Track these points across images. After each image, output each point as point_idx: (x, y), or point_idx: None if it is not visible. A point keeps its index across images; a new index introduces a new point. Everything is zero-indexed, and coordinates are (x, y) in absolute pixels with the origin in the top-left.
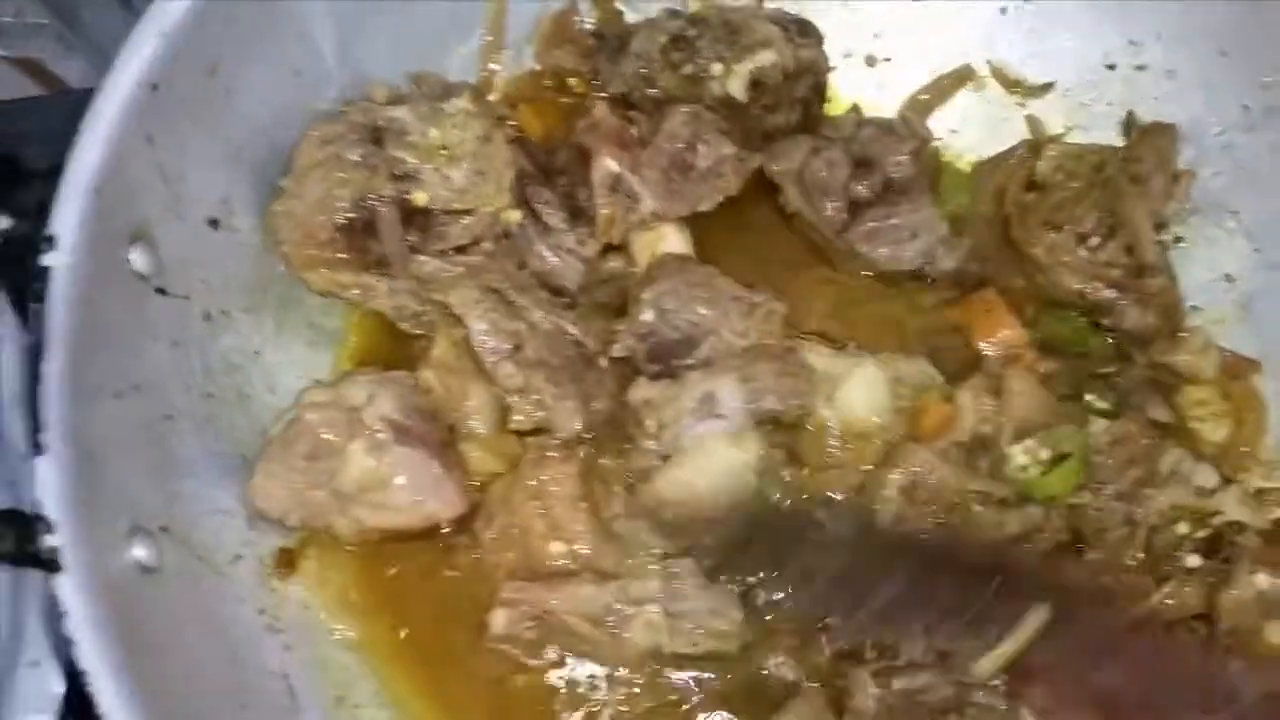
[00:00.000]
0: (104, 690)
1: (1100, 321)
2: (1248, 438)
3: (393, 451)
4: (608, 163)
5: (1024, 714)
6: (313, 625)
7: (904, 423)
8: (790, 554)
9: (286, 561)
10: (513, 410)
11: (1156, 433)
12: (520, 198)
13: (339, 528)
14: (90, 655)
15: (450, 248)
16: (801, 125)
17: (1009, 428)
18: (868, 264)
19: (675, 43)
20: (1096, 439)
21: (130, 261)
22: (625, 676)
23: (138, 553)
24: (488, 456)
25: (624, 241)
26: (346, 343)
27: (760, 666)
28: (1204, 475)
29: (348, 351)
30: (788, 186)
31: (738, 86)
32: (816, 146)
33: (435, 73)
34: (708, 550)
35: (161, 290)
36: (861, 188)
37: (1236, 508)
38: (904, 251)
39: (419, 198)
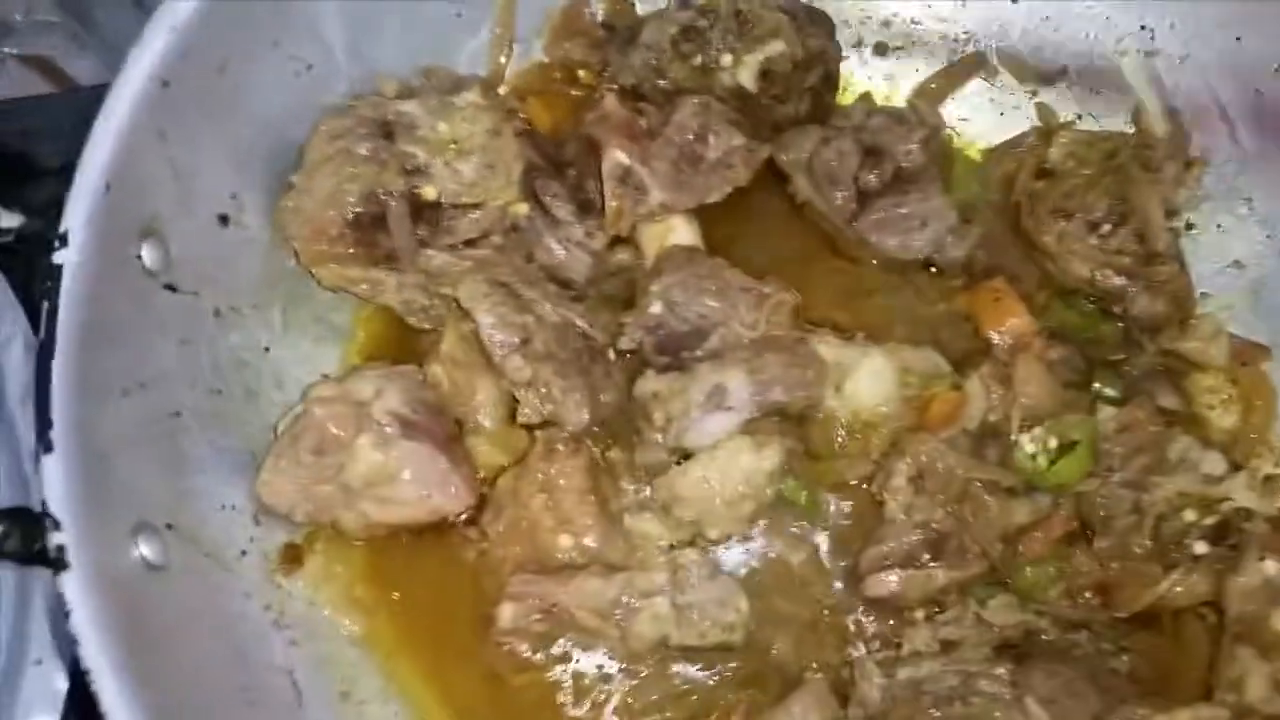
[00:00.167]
0: (105, 688)
1: (1110, 309)
2: (1257, 424)
3: (400, 446)
4: (617, 154)
5: (1028, 702)
6: (318, 620)
7: (912, 412)
8: None
9: (293, 557)
10: (521, 404)
11: (1164, 420)
12: (528, 191)
13: (345, 522)
14: (93, 653)
15: (459, 241)
16: (811, 115)
17: (1017, 416)
18: (877, 253)
19: (685, 33)
20: (1104, 426)
21: (140, 258)
22: (632, 668)
23: (144, 550)
24: (495, 450)
25: (632, 234)
26: (355, 338)
27: (766, 656)
28: (1212, 462)
29: (356, 347)
30: (797, 176)
31: (748, 77)
32: (826, 136)
33: (445, 66)
34: None
35: (171, 287)
36: (871, 177)
37: (1245, 494)
38: (913, 240)
39: (428, 192)
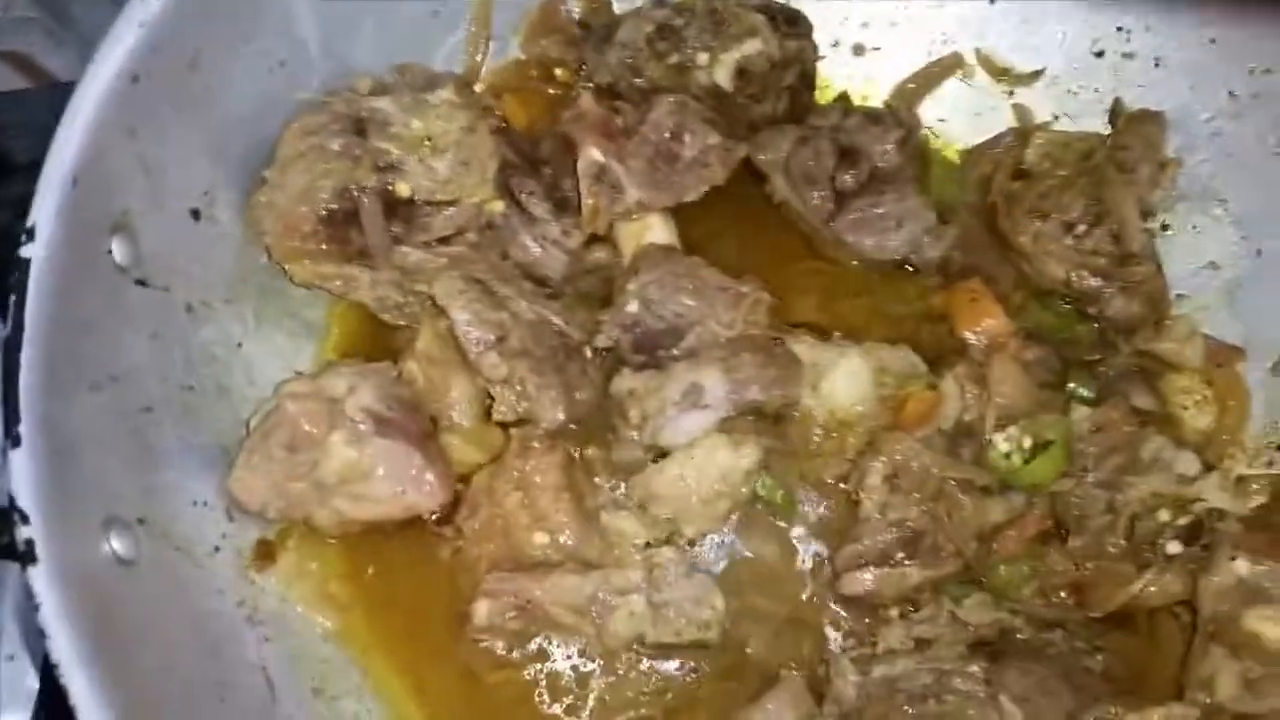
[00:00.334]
0: (75, 682)
1: (1085, 309)
2: (1231, 425)
3: (373, 443)
4: (593, 153)
5: (1002, 700)
6: (291, 617)
7: (888, 412)
8: None
9: (265, 553)
10: (496, 401)
11: (1139, 420)
12: (504, 188)
13: (319, 519)
14: (62, 647)
15: (434, 239)
16: (788, 115)
17: (992, 416)
18: (854, 253)
19: (661, 32)
20: (1079, 426)
21: (110, 253)
22: (608, 666)
23: (114, 545)
24: (469, 448)
25: (609, 232)
26: (328, 334)
27: (742, 653)
28: (1185, 462)
29: (330, 343)
30: (774, 176)
31: (724, 76)
32: (803, 136)
33: (419, 63)
34: None
35: (141, 282)
36: (848, 177)
37: (1217, 495)
38: (889, 240)
39: (402, 189)
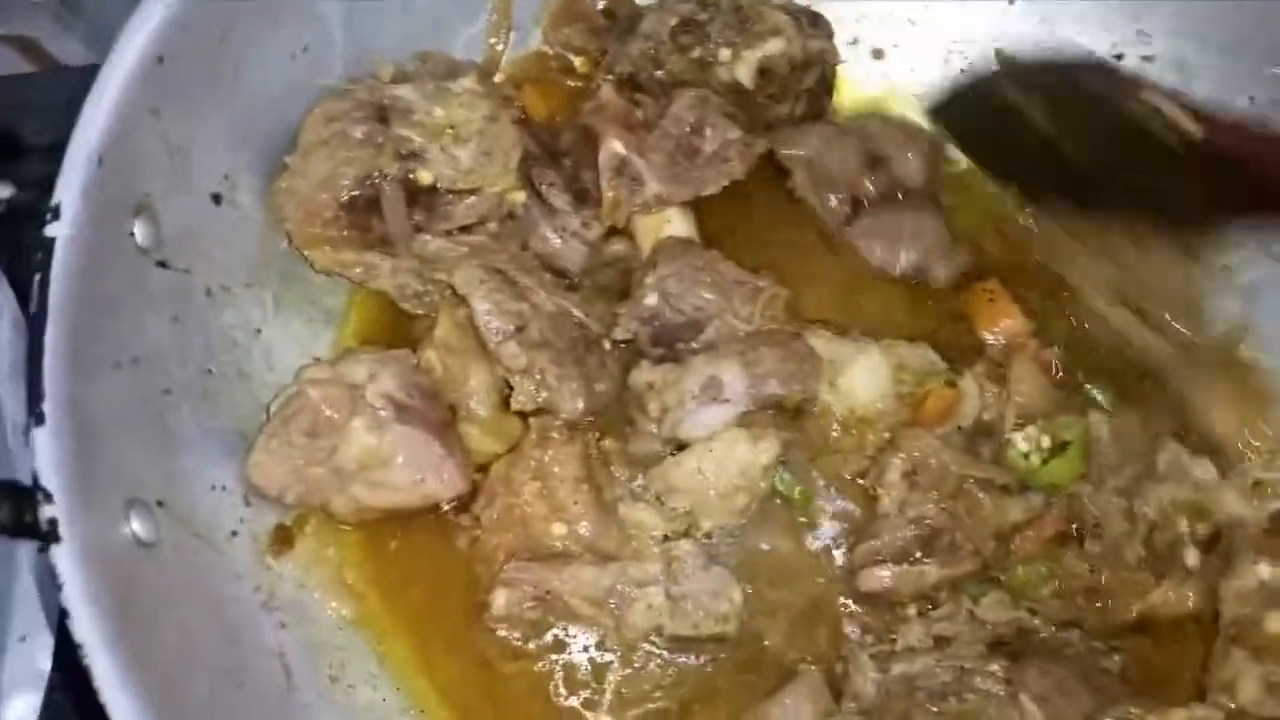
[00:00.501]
0: (99, 663)
1: None
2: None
3: (393, 430)
4: (614, 145)
5: (1022, 699)
6: (308, 603)
7: (906, 409)
8: None
9: (283, 539)
10: (515, 391)
11: (1157, 427)
12: (525, 179)
13: (337, 506)
14: (86, 627)
15: (454, 227)
16: (806, 116)
17: (1011, 414)
18: (861, 262)
19: (685, 26)
20: (1097, 430)
21: (133, 234)
22: (625, 658)
23: (135, 527)
24: (488, 437)
25: (627, 225)
26: (347, 322)
27: (760, 647)
28: (1202, 469)
29: (348, 330)
30: (798, 171)
31: (745, 73)
32: (830, 137)
33: (441, 52)
34: None
35: (163, 264)
36: (869, 183)
37: (1236, 502)
38: (898, 255)
39: (424, 177)
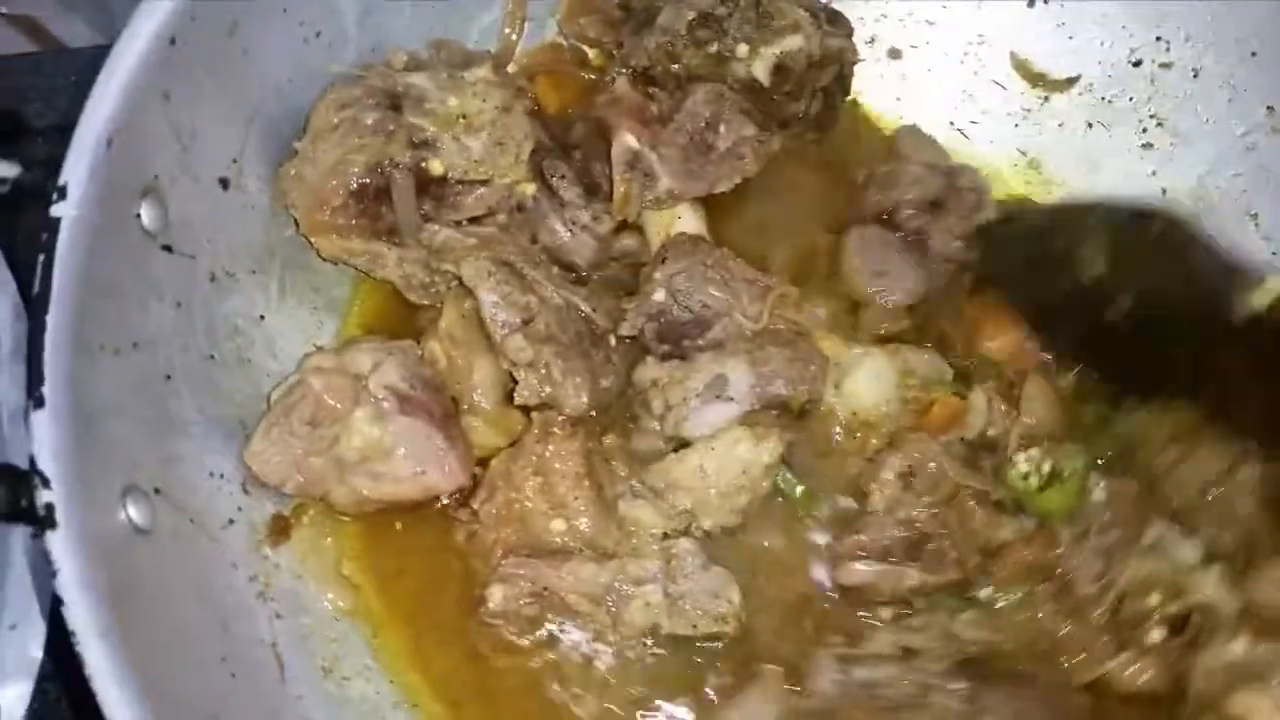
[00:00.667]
0: (92, 650)
1: None
2: None
3: (396, 421)
4: (628, 139)
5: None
6: (303, 594)
7: (911, 415)
8: None
9: (281, 529)
10: (519, 384)
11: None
12: (536, 171)
13: (336, 496)
14: (80, 615)
15: (464, 218)
16: (822, 116)
17: (1017, 434)
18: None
19: (703, 20)
20: (1094, 493)
21: (139, 217)
22: (617, 650)
23: (131, 513)
24: (491, 431)
25: (638, 220)
26: (351, 311)
27: (750, 643)
28: (1187, 551)
29: (353, 319)
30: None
31: (762, 70)
32: (915, 178)
33: (455, 41)
34: None
35: (168, 248)
36: (908, 213)
37: (1214, 589)
38: (891, 291)
39: (435, 166)
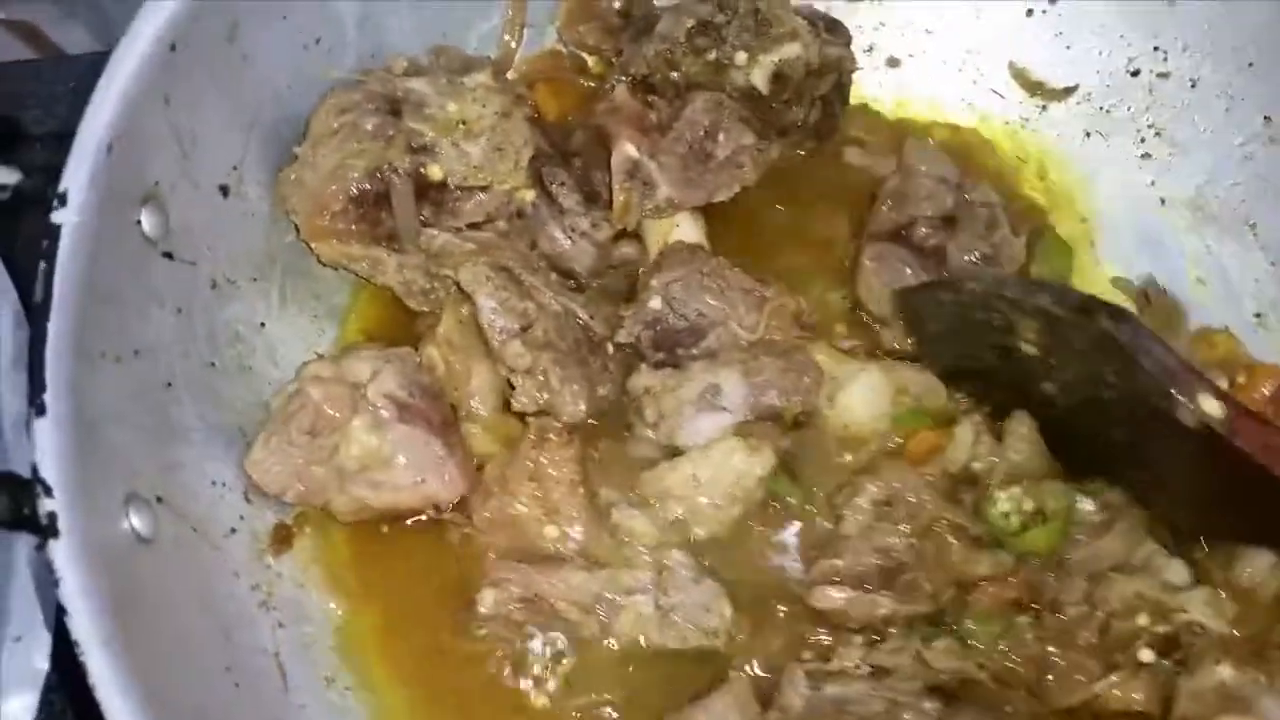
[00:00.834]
0: (95, 660)
1: None
2: None
3: (395, 429)
4: (627, 148)
5: None
6: (305, 603)
7: (901, 434)
8: None
9: (283, 537)
10: (516, 391)
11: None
12: (535, 177)
13: (337, 505)
14: (83, 624)
15: (463, 224)
16: (820, 124)
17: (1000, 470)
18: (872, 301)
19: (702, 28)
20: (1083, 516)
21: (139, 224)
22: (605, 668)
23: (134, 522)
24: (488, 437)
25: (636, 228)
26: (352, 318)
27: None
28: (1175, 571)
29: (352, 326)
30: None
31: (760, 78)
32: (963, 195)
33: (455, 47)
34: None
35: (169, 255)
36: (925, 231)
37: (1202, 609)
38: (873, 295)
39: (434, 171)
